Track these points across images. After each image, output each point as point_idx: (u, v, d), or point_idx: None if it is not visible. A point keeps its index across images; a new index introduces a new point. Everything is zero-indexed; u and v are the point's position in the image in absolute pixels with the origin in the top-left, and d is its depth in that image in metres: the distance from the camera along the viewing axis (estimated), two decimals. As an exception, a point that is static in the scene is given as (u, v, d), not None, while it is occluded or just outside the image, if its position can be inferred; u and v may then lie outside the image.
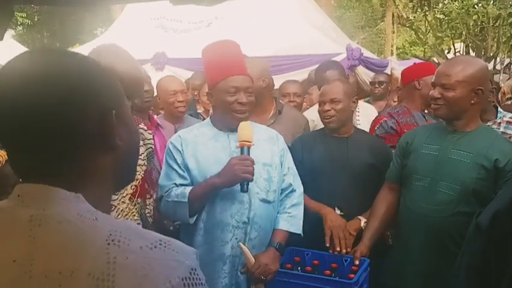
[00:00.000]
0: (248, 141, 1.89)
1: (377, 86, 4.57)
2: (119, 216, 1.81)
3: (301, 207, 2.13)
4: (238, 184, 1.88)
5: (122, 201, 1.84)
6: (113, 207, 1.79)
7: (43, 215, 0.64)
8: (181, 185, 1.99)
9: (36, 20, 18.41)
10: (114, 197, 1.77)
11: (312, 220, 2.16)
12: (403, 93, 2.99)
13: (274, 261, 1.97)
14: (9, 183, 1.61)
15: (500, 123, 2.61)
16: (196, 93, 3.82)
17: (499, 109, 2.71)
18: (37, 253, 0.62)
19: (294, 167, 2.17)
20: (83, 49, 6.71)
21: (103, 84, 0.72)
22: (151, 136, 2.14)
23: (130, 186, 1.85)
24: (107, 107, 0.71)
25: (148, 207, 2.03)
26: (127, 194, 1.86)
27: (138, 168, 1.90)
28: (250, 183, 1.91)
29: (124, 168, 0.78)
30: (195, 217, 1.97)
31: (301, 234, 2.10)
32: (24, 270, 0.61)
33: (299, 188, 2.15)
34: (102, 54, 1.64)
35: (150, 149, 2.08)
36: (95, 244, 0.62)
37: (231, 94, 1.96)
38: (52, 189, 0.66)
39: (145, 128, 2.14)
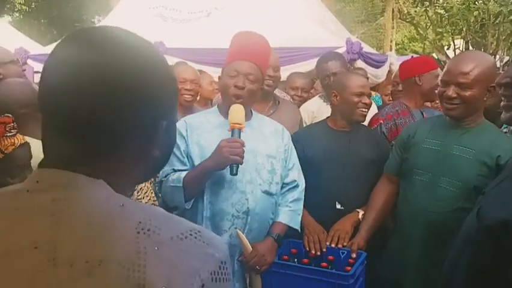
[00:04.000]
0: (239, 124, 1.86)
1: None
2: (140, 195, 1.80)
3: (302, 203, 2.13)
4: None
5: None
6: (136, 186, 1.75)
7: (66, 200, 0.62)
8: (179, 170, 1.97)
9: (33, 6, 18.25)
10: None
11: (319, 210, 2.14)
12: (402, 89, 2.96)
13: (271, 251, 1.97)
14: (17, 164, 1.61)
15: (506, 132, 2.58)
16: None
17: None
18: (60, 240, 0.59)
19: (298, 163, 2.16)
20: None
21: (164, 92, 0.69)
22: None
23: None
24: (160, 117, 0.69)
25: (156, 185, 2.05)
26: None
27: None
28: (252, 174, 1.92)
29: (150, 172, 0.78)
30: (191, 202, 1.95)
31: (299, 230, 2.10)
32: (47, 258, 0.58)
33: (302, 184, 2.15)
34: None
35: None
36: (124, 233, 0.60)
37: (230, 77, 1.95)
38: (72, 174, 0.64)
39: None
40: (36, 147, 1.83)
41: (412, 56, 3.19)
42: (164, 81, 0.68)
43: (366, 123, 2.74)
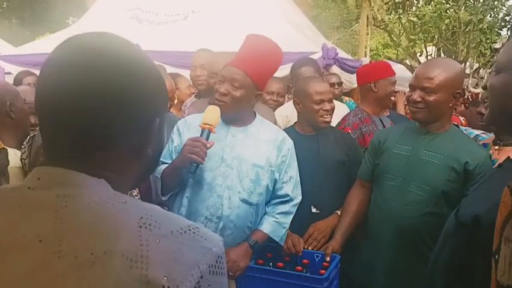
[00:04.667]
0: (209, 125, 1.86)
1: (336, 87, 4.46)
2: None
3: (290, 217, 2.08)
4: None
5: None
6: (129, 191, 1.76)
7: (69, 196, 0.64)
8: (165, 163, 2.01)
9: (5, 6, 17.80)
10: None
11: (295, 215, 2.16)
12: (360, 95, 2.98)
13: (244, 257, 1.95)
14: None
15: None
16: None
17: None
18: (65, 233, 0.61)
19: (298, 176, 2.12)
20: (53, 38, 6.52)
21: (157, 90, 0.72)
22: None
23: None
24: (153, 114, 0.72)
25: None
26: None
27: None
28: (234, 181, 1.93)
29: (144, 173, 0.80)
30: (168, 195, 2.00)
31: (281, 244, 2.07)
32: (52, 251, 0.60)
33: (297, 199, 2.11)
34: None
35: None
36: (127, 226, 0.63)
37: (219, 81, 1.97)
38: (74, 172, 0.66)
39: None
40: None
41: (371, 61, 3.21)
42: (155, 81, 0.72)
43: (334, 124, 2.77)
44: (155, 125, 0.72)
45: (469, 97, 5.78)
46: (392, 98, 2.91)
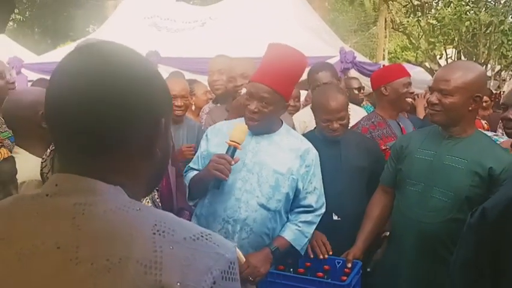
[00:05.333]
0: (236, 142, 1.89)
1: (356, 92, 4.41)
2: None
3: (313, 227, 2.07)
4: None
5: None
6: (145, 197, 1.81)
7: (86, 204, 0.66)
8: (194, 169, 2.13)
9: (27, 15, 18.24)
10: None
11: (321, 225, 2.14)
12: (376, 100, 2.93)
13: (264, 263, 1.95)
14: (0, 180, 1.58)
15: None
16: None
17: None
18: (82, 240, 0.63)
19: (322, 188, 2.11)
20: (74, 46, 6.64)
21: (161, 91, 0.75)
22: None
23: None
24: (159, 115, 0.74)
25: (154, 193, 2.06)
26: None
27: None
28: (253, 185, 1.97)
29: (156, 175, 0.81)
30: (195, 201, 2.10)
31: (301, 253, 2.06)
32: (70, 257, 0.62)
33: (320, 209, 2.10)
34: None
35: None
36: (141, 233, 0.64)
37: (247, 98, 1.99)
38: (91, 180, 0.68)
39: None
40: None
41: (383, 65, 3.15)
42: (158, 83, 0.75)
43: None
44: (161, 125, 0.74)
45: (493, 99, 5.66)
46: (409, 100, 2.84)
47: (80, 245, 0.62)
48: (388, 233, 2.27)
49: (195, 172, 2.09)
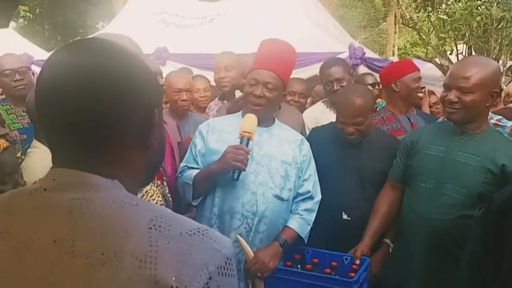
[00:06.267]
0: (249, 133, 1.93)
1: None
2: (145, 197, 1.86)
3: (314, 215, 2.13)
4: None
5: None
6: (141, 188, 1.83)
7: (83, 199, 0.66)
8: (192, 168, 2.08)
9: (37, 12, 18.35)
10: None
11: (325, 220, 2.13)
12: (386, 96, 2.94)
13: (274, 257, 1.96)
14: (6, 171, 1.60)
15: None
16: None
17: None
18: (78, 234, 0.64)
19: (316, 176, 2.17)
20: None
21: (151, 81, 0.75)
22: None
23: None
24: (152, 105, 0.74)
25: (165, 188, 2.09)
26: None
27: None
28: (265, 177, 1.99)
29: (153, 166, 0.82)
30: (199, 199, 2.06)
31: (305, 241, 2.10)
32: (66, 251, 0.63)
33: (317, 197, 2.15)
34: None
35: None
36: (137, 228, 0.64)
37: (250, 85, 2.04)
38: (89, 175, 0.68)
39: None
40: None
41: (392, 62, 3.14)
42: (148, 75, 0.75)
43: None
44: (155, 115, 0.75)
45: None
46: (420, 95, 2.83)
47: (76, 239, 0.63)
48: (388, 240, 2.25)
49: (195, 171, 2.05)
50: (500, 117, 2.63)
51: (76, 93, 0.67)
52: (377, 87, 4.21)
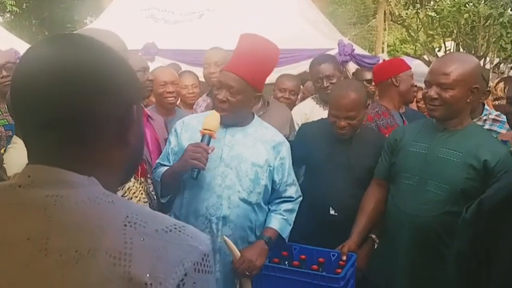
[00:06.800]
0: (210, 130, 1.87)
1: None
2: (127, 194, 1.85)
3: (294, 215, 2.11)
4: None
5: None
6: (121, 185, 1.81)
7: (58, 196, 0.65)
8: (164, 165, 2.05)
9: (24, 7, 18.10)
10: None
11: (313, 215, 2.13)
12: (378, 92, 2.98)
13: (260, 256, 1.95)
14: None
15: (485, 120, 2.62)
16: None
17: (486, 106, 2.73)
18: (52, 232, 0.63)
19: (294, 176, 2.14)
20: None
21: (130, 77, 0.75)
22: None
23: None
24: (131, 101, 0.74)
25: (149, 186, 2.08)
26: None
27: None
28: (233, 180, 1.94)
29: (132, 163, 0.81)
30: (167, 197, 2.03)
31: (286, 240, 2.08)
32: (39, 248, 0.62)
33: (299, 198, 2.14)
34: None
35: None
36: (112, 225, 0.64)
37: (217, 87, 1.99)
38: (65, 172, 0.67)
39: None
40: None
41: (384, 60, 3.22)
42: (127, 71, 0.75)
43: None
44: (133, 111, 0.74)
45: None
46: (414, 93, 2.92)
47: (50, 236, 0.63)
48: (373, 235, 2.26)
49: (166, 168, 2.02)
50: (499, 112, 2.67)
51: (52, 89, 0.66)
52: (373, 83, 4.23)
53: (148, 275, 0.61)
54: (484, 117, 2.62)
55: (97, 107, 0.68)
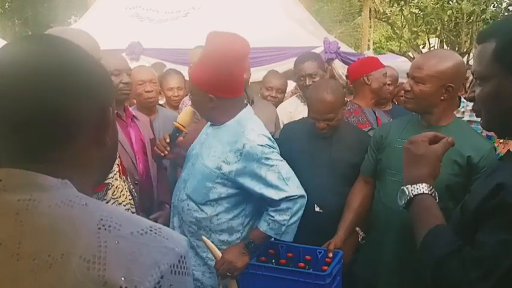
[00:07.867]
0: (180, 124, 2.06)
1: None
2: (115, 193, 1.85)
3: (288, 213, 1.95)
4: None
5: (115, 178, 1.86)
6: (110, 185, 1.82)
7: (31, 199, 0.64)
8: None
9: (7, 7, 17.83)
10: (110, 175, 1.82)
11: (304, 215, 2.14)
12: (353, 90, 3.01)
13: (240, 257, 1.94)
14: None
15: (464, 112, 2.66)
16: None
17: (462, 99, 2.76)
18: (24, 236, 0.62)
19: (280, 179, 1.95)
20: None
21: (103, 79, 0.74)
22: None
23: (115, 164, 1.89)
24: (105, 102, 0.73)
25: (129, 184, 2.07)
26: (117, 172, 1.89)
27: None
28: (189, 175, 2.07)
29: (107, 164, 0.82)
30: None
31: (285, 240, 2.01)
32: (11, 253, 0.61)
33: (285, 198, 1.95)
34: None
35: None
36: (86, 228, 0.63)
37: None
38: (38, 175, 0.66)
39: None
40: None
41: (358, 58, 3.27)
42: (100, 72, 0.74)
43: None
44: (109, 113, 0.73)
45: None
46: (390, 89, 2.96)
47: (22, 240, 0.62)
48: (358, 228, 2.28)
49: None
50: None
51: (21, 91, 0.65)
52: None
53: (123, 279, 0.60)
54: (462, 110, 2.67)
55: (68, 109, 0.67)
